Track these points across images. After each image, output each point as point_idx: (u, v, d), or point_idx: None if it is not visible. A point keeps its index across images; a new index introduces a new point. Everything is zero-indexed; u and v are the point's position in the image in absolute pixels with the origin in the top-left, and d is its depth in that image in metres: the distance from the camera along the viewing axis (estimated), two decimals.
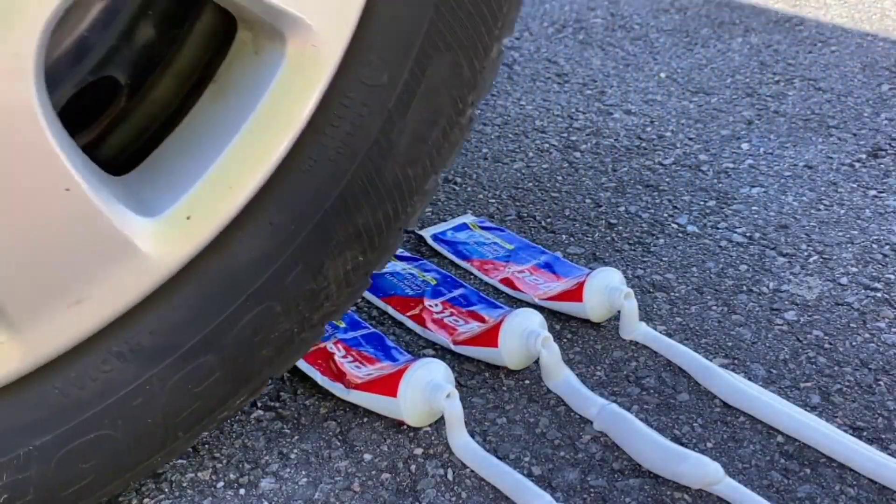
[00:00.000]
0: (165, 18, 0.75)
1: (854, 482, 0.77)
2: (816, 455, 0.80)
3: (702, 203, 1.22)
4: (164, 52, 0.75)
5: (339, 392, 0.86)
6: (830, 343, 0.94)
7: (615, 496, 0.77)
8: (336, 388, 0.86)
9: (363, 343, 0.92)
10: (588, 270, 0.98)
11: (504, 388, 0.89)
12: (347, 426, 0.85)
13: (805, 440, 0.81)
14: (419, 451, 0.82)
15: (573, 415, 0.85)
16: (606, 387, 0.89)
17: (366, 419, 0.85)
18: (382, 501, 0.77)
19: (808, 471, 0.79)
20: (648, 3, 2.04)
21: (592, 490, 0.77)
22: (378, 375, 0.85)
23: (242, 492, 0.78)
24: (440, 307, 0.98)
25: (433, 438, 0.83)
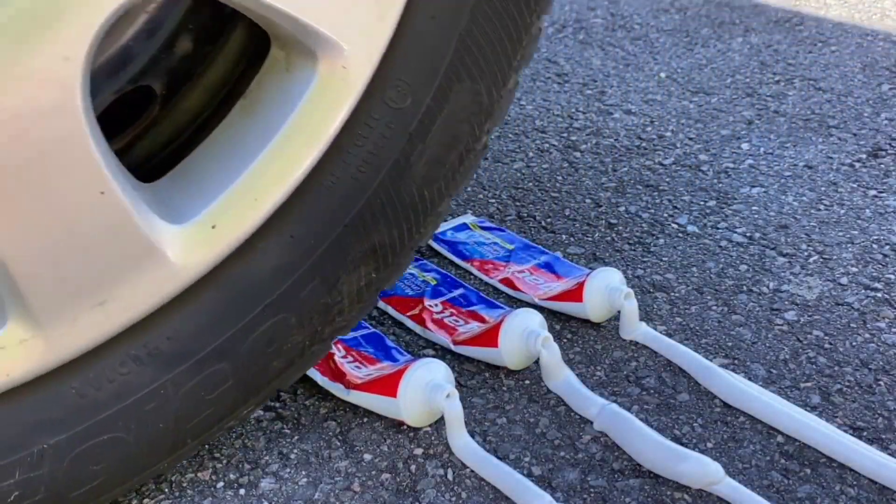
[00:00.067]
0: (203, 33, 0.77)
1: (854, 482, 0.77)
2: (816, 455, 0.80)
3: (702, 203, 1.22)
4: (198, 65, 0.77)
5: (339, 392, 0.86)
6: (830, 343, 0.94)
7: (615, 496, 0.77)
8: (336, 389, 0.86)
9: (363, 343, 0.92)
10: (588, 270, 0.98)
11: (504, 388, 0.89)
12: (347, 426, 0.85)
13: (805, 440, 0.81)
14: (419, 451, 0.82)
15: (573, 415, 0.85)
16: (606, 387, 0.89)
17: (366, 419, 0.85)
18: (382, 501, 0.77)
19: (808, 471, 0.79)
20: (648, 3, 2.04)
21: (592, 490, 0.77)
22: (378, 376, 0.85)
23: (242, 492, 0.78)
24: (440, 307, 0.98)
25: (433, 438, 0.83)
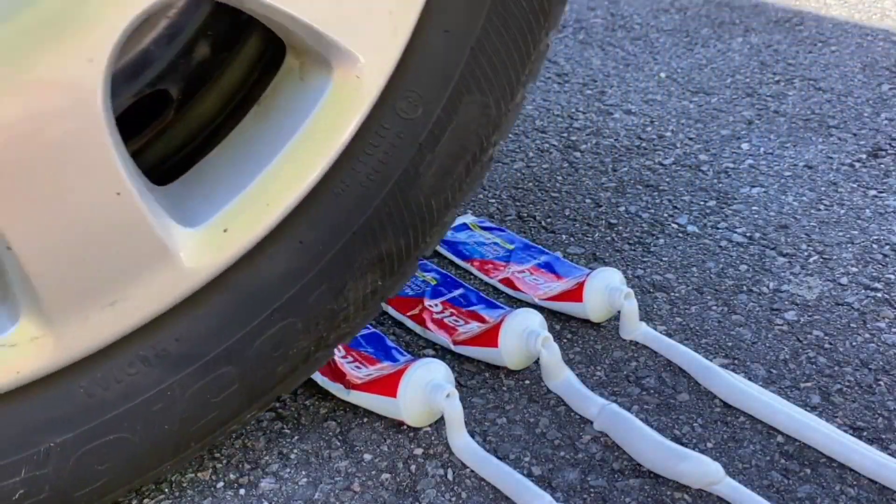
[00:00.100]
0: (220, 39, 0.78)
1: (854, 482, 0.77)
2: (816, 455, 0.80)
3: (702, 203, 1.22)
4: (214, 71, 0.78)
5: (339, 393, 0.86)
6: (830, 343, 0.94)
7: (615, 496, 0.77)
8: (336, 389, 0.86)
9: (363, 343, 0.92)
10: (588, 270, 0.98)
11: (504, 388, 0.89)
12: (347, 426, 0.85)
13: (805, 440, 0.81)
14: (419, 451, 0.82)
15: (573, 415, 0.85)
16: (606, 387, 0.89)
17: (366, 419, 0.85)
18: (382, 501, 0.77)
19: (808, 471, 0.79)
20: (648, 3, 2.04)
21: (592, 490, 0.77)
22: (378, 376, 0.85)
23: (242, 492, 0.78)
24: (440, 307, 0.98)
25: (433, 438, 0.83)
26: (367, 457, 0.81)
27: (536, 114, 1.51)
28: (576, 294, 0.96)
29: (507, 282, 1.04)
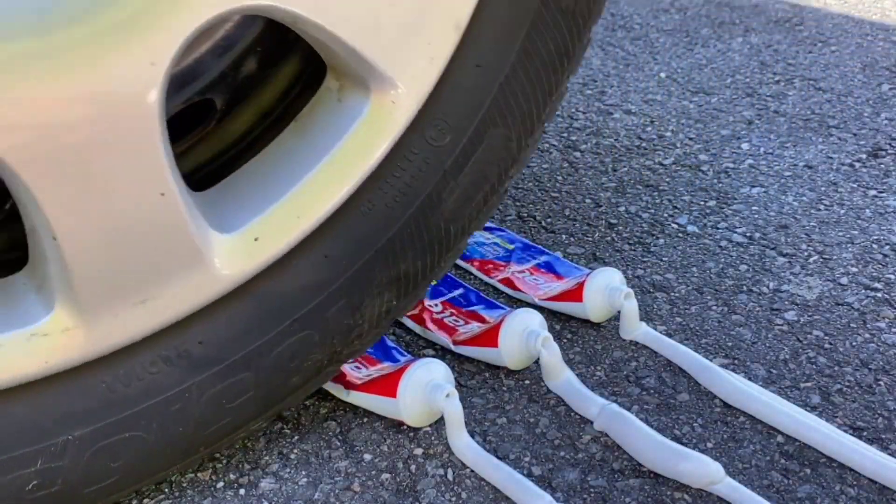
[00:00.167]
0: (267, 56, 0.81)
1: (854, 482, 0.77)
2: (816, 455, 0.80)
3: (702, 203, 1.22)
4: (257, 86, 0.81)
5: (340, 393, 0.86)
6: (830, 343, 0.94)
7: (615, 496, 0.77)
8: (336, 389, 0.86)
9: None
10: (588, 270, 0.98)
11: (504, 388, 0.89)
12: (347, 426, 0.85)
13: (805, 440, 0.81)
14: (419, 451, 0.82)
15: (573, 415, 0.85)
16: (606, 387, 0.89)
17: (366, 419, 0.85)
18: (382, 501, 0.77)
19: (808, 471, 0.79)
20: (648, 3, 2.04)
21: (592, 490, 0.77)
22: (378, 376, 0.85)
23: (242, 492, 0.78)
24: (440, 307, 0.98)
25: (433, 438, 0.83)
26: (367, 457, 0.81)
27: None
28: (576, 294, 0.96)
29: (507, 282, 1.03)
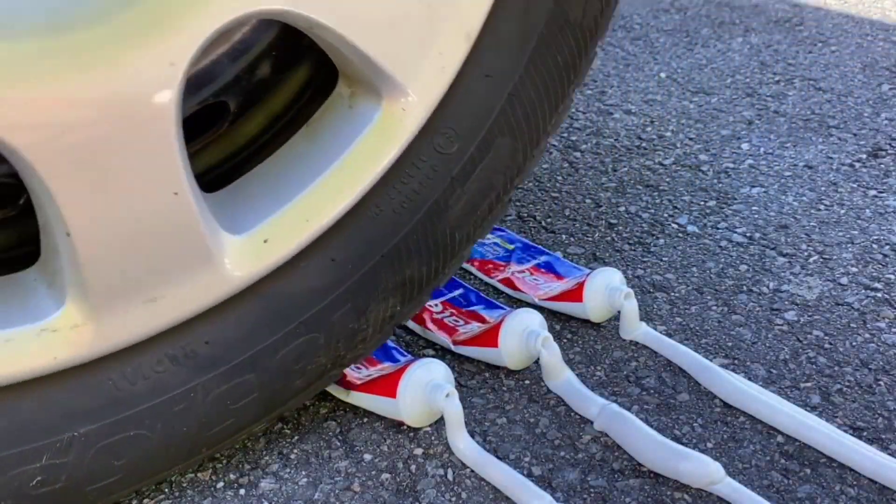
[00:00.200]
0: (280, 61, 0.81)
1: (854, 482, 0.77)
2: (816, 455, 0.80)
3: (702, 203, 1.22)
4: (270, 90, 0.82)
5: (340, 393, 0.86)
6: (830, 343, 0.94)
7: (615, 496, 0.77)
8: (336, 390, 0.86)
9: None
10: (588, 270, 0.98)
11: (504, 388, 0.89)
12: (347, 426, 0.85)
13: (805, 440, 0.81)
14: (419, 451, 0.82)
15: (573, 415, 0.85)
16: (606, 387, 0.89)
17: (366, 419, 0.85)
18: (382, 501, 0.77)
19: (808, 471, 0.79)
20: (648, 3, 2.04)
21: (592, 490, 0.77)
22: (378, 376, 0.85)
23: (242, 492, 0.78)
24: (440, 307, 0.98)
25: (433, 438, 0.83)
26: (367, 457, 0.81)
27: None
28: (576, 294, 0.96)
29: (507, 282, 1.04)
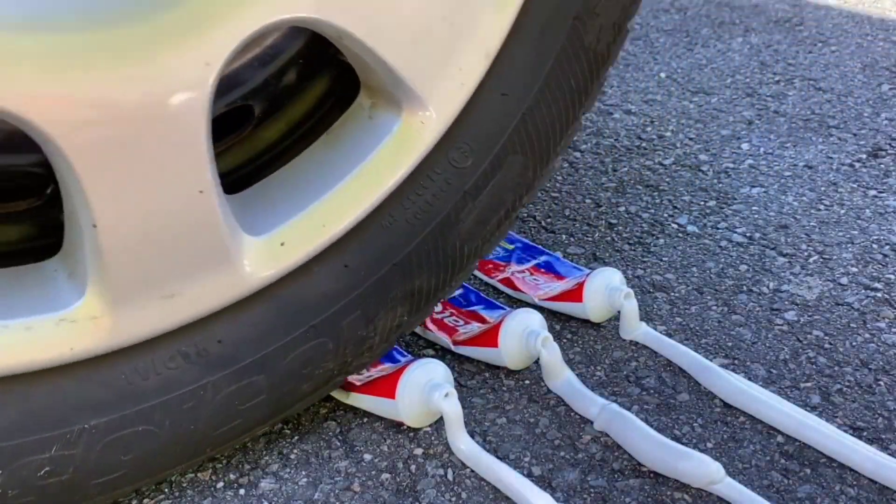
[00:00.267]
0: (306, 69, 0.83)
1: (854, 482, 0.77)
2: (816, 455, 0.80)
3: (702, 203, 1.22)
4: (293, 97, 0.83)
5: (339, 395, 0.86)
6: (830, 343, 0.94)
7: (615, 496, 0.77)
8: (336, 391, 0.86)
9: None
10: (588, 270, 0.98)
11: (504, 388, 0.89)
12: (347, 426, 0.85)
13: (805, 440, 0.81)
14: (419, 451, 0.82)
15: (573, 415, 0.85)
16: (606, 387, 0.89)
17: (366, 419, 0.85)
18: (382, 501, 0.77)
19: (808, 471, 0.79)
20: (648, 3, 2.04)
21: (592, 490, 0.77)
22: (377, 377, 0.85)
23: (242, 492, 0.78)
24: (440, 307, 0.98)
25: (433, 438, 0.83)
26: (367, 457, 0.81)
27: None
28: (576, 294, 0.96)
29: (507, 282, 1.04)
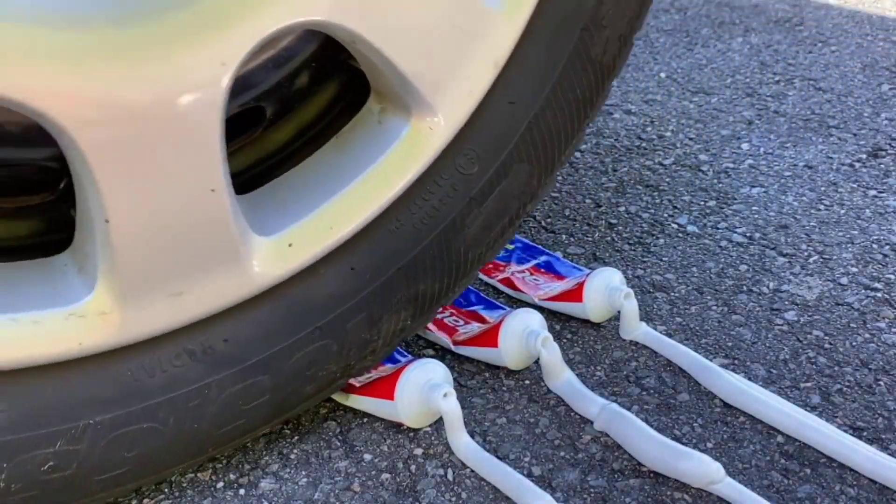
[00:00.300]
0: (318, 72, 0.83)
1: (854, 482, 0.77)
2: (816, 455, 0.80)
3: (702, 203, 1.22)
4: (303, 100, 0.84)
5: (339, 397, 0.86)
6: (830, 343, 0.94)
7: (615, 496, 0.77)
8: (336, 394, 0.86)
9: None
10: (588, 270, 0.98)
11: (504, 388, 0.89)
12: (347, 426, 0.85)
13: (805, 440, 0.81)
14: (419, 451, 0.82)
15: (573, 415, 0.85)
16: (606, 387, 0.89)
17: (365, 419, 0.85)
18: (382, 501, 0.77)
19: (808, 471, 0.79)
20: None
21: (592, 490, 0.77)
22: (377, 378, 0.85)
23: (242, 492, 0.78)
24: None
25: (433, 438, 0.83)
26: (367, 457, 0.81)
27: None
28: (576, 294, 0.96)
29: (507, 282, 1.04)
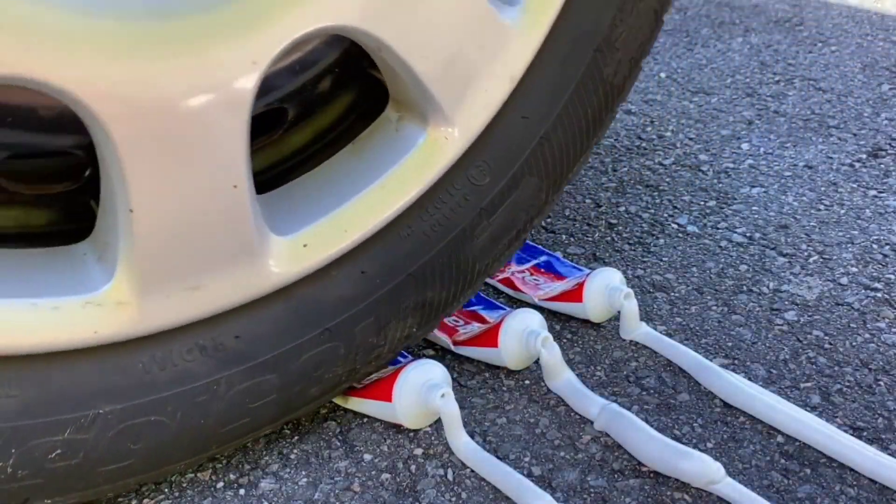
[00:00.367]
0: (339, 78, 0.84)
1: (854, 482, 0.77)
2: (816, 455, 0.80)
3: (702, 203, 1.22)
4: (324, 104, 0.85)
5: (339, 399, 0.86)
6: (830, 343, 0.94)
7: (615, 496, 0.77)
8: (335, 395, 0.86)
9: None
10: (588, 270, 0.98)
11: (504, 388, 0.89)
12: (347, 426, 0.85)
13: (805, 440, 0.81)
14: (419, 452, 0.82)
15: (573, 415, 0.85)
16: (606, 387, 0.89)
17: (365, 419, 0.85)
18: (382, 501, 0.77)
19: (808, 471, 0.79)
20: None
21: (592, 490, 0.77)
22: (376, 379, 0.85)
23: (242, 492, 0.78)
24: None
25: (433, 438, 0.83)
26: (367, 457, 0.81)
27: None
28: (576, 294, 0.96)
29: (507, 282, 1.03)
